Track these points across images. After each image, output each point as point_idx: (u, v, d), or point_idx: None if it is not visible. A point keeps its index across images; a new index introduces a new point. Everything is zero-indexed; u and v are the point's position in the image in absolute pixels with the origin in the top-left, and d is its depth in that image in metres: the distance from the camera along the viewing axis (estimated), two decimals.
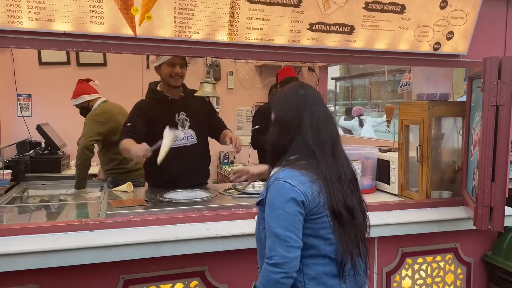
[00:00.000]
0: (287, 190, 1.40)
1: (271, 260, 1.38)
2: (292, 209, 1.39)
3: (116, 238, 1.87)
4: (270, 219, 1.41)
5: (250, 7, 2.00)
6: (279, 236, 1.38)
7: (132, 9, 1.85)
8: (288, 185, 1.40)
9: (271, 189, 1.44)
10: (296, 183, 1.41)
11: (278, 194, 1.41)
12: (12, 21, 1.74)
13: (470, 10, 2.32)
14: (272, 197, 1.42)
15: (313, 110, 1.50)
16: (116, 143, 3.25)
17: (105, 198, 2.63)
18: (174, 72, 2.67)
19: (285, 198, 1.39)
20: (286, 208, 1.39)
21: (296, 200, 1.39)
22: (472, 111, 2.43)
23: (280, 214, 1.39)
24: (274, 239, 1.39)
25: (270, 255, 1.39)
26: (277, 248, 1.37)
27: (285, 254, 1.37)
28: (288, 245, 1.38)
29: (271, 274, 1.38)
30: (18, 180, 3.35)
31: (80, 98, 3.38)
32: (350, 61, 2.31)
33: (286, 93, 1.60)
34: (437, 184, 2.71)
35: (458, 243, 2.52)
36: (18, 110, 4.33)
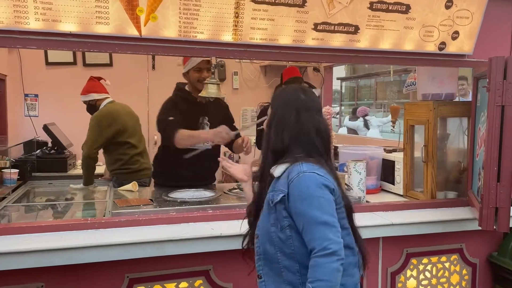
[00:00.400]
0: (319, 179, 1.41)
1: (327, 250, 1.33)
2: (330, 197, 1.42)
3: (121, 237, 1.89)
4: (311, 210, 1.38)
5: (255, 7, 2.00)
6: (329, 223, 1.37)
7: (138, 10, 1.86)
8: (317, 175, 1.42)
9: (300, 182, 1.41)
10: (323, 173, 1.44)
11: (312, 184, 1.40)
12: (19, 22, 1.76)
13: (475, 9, 2.31)
14: (306, 189, 1.40)
15: (313, 116, 1.53)
16: (121, 144, 3.29)
17: (110, 197, 2.65)
18: (201, 77, 2.71)
19: (321, 187, 1.40)
20: (325, 196, 1.40)
21: (330, 188, 1.43)
22: (477, 111, 2.42)
23: (322, 202, 1.39)
24: (324, 228, 1.36)
25: (324, 245, 1.34)
26: (330, 235, 1.35)
27: (338, 240, 1.37)
28: (337, 230, 1.39)
29: (331, 264, 1.33)
30: (25, 179, 3.38)
31: (89, 95, 3.41)
32: (355, 61, 2.31)
33: (288, 94, 1.59)
34: (442, 184, 2.70)
35: (463, 243, 2.51)
36: (25, 110, 4.37)
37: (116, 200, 2.36)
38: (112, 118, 3.28)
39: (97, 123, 3.26)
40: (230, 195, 2.59)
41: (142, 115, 3.91)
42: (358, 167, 2.53)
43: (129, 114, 3.42)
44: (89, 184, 3.26)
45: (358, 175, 2.54)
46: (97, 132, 3.23)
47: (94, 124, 3.27)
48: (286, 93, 1.61)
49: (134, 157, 3.34)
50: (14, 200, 2.86)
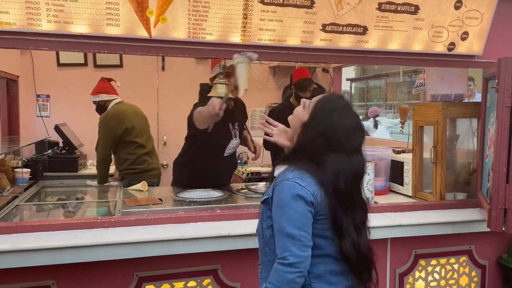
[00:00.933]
0: (297, 190, 1.40)
1: (285, 260, 1.37)
2: (303, 209, 1.40)
3: (131, 235, 1.91)
4: (281, 219, 1.41)
5: (263, 8, 2.02)
6: (293, 236, 1.38)
7: (147, 11, 1.89)
8: (298, 185, 1.41)
9: (280, 189, 1.43)
10: (305, 184, 1.41)
11: (288, 194, 1.41)
12: (32, 24, 1.79)
13: (485, 10, 2.30)
14: (282, 197, 1.42)
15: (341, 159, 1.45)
16: (129, 143, 3.34)
17: (120, 196, 2.68)
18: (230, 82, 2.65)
19: (295, 198, 1.40)
20: (297, 208, 1.39)
21: (306, 200, 1.40)
22: (487, 112, 2.41)
23: (292, 214, 1.39)
24: (287, 239, 1.38)
25: (284, 255, 1.38)
26: (292, 248, 1.37)
27: (300, 253, 1.37)
28: (302, 244, 1.38)
29: (286, 274, 1.37)
30: (37, 179, 3.43)
31: (99, 96, 3.46)
32: (363, 62, 2.32)
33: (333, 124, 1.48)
34: (451, 185, 2.69)
35: (472, 245, 2.49)
36: (37, 111, 4.42)
37: (125, 200, 2.39)
38: (118, 118, 3.32)
39: (105, 124, 3.32)
40: (239, 195, 2.61)
41: (151, 115, 3.96)
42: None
43: (137, 113, 3.46)
44: (104, 183, 3.36)
45: (366, 176, 2.52)
46: (106, 134, 3.29)
47: (102, 126, 3.33)
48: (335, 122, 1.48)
49: (142, 156, 3.38)
50: (26, 199, 2.91)
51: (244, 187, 2.76)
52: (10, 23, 1.77)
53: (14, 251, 1.75)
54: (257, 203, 2.36)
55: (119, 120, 3.31)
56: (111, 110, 3.40)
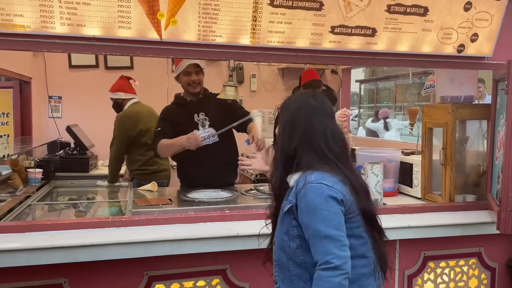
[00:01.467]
0: (325, 190, 1.38)
1: (330, 264, 1.33)
2: (337, 208, 1.38)
3: (141, 235, 1.94)
4: (316, 223, 1.37)
5: (272, 11, 2.03)
6: (333, 237, 1.35)
7: (158, 14, 1.91)
8: (324, 186, 1.39)
9: (307, 194, 1.40)
10: (331, 183, 1.40)
11: (317, 196, 1.38)
12: (45, 26, 1.83)
13: (495, 12, 2.30)
14: (311, 201, 1.39)
15: (324, 120, 1.51)
16: (141, 145, 3.38)
17: (130, 196, 2.71)
18: (191, 80, 2.82)
19: (327, 199, 1.37)
20: (331, 208, 1.37)
21: (337, 199, 1.39)
22: (497, 114, 2.40)
23: (326, 215, 1.36)
24: (327, 242, 1.35)
25: (327, 259, 1.33)
26: (333, 249, 1.34)
27: (342, 254, 1.34)
28: (342, 244, 1.36)
29: (333, 278, 1.32)
30: (49, 179, 3.48)
31: (116, 94, 3.52)
32: (372, 64, 2.32)
33: (298, 99, 1.59)
34: (461, 187, 2.68)
35: (482, 247, 2.48)
36: (49, 112, 4.49)
37: (136, 200, 2.42)
38: (135, 119, 3.37)
39: (121, 124, 3.37)
40: (247, 195, 2.63)
41: None
42: (375, 169, 2.54)
43: (152, 115, 3.51)
44: (115, 182, 3.41)
45: (375, 177, 2.54)
46: (122, 134, 3.35)
47: (118, 125, 3.39)
48: (296, 99, 1.60)
49: (153, 158, 3.42)
50: (38, 198, 2.95)
51: (252, 188, 2.78)
52: (24, 26, 1.81)
53: (27, 250, 1.78)
54: (265, 203, 2.39)
55: (135, 121, 3.36)
56: (128, 110, 3.45)
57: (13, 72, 3.54)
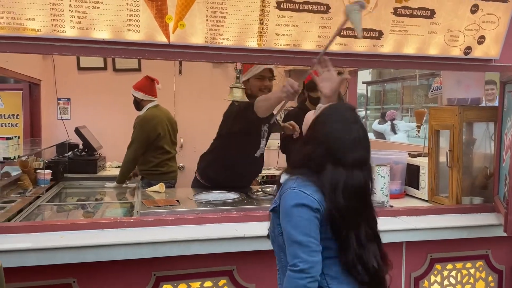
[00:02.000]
0: (301, 198, 1.43)
1: (296, 267, 1.40)
2: (309, 215, 1.43)
3: (149, 236, 1.96)
4: (288, 227, 1.44)
5: (279, 14, 2.05)
6: (301, 242, 1.41)
7: (167, 18, 1.94)
8: (302, 193, 1.44)
9: (286, 198, 1.46)
10: (310, 192, 1.44)
11: (293, 202, 1.43)
12: (56, 30, 1.86)
13: (502, 14, 2.30)
14: (288, 206, 1.44)
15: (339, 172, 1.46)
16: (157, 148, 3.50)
17: (138, 197, 2.74)
18: (263, 85, 2.74)
19: (301, 206, 1.42)
20: (303, 215, 1.42)
21: (312, 208, 1.43)
22: (504, 116, 2.39)
23: (298, 221, 1.42)
24: (296, 247, 1.41)
25: (294, 262, 1.41)
26: (301, 254, 1.40)
27: (309, 259, 1.40)
28: (311, 249, 1.41)
29: (297, 280, 1.40)
30: (57, 180, 3.52)
31: (137, 92, 3.62)
32: (379, 66, 2.33)
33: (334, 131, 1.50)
34: (468, 190, 2.67)
35: (489, 250, 2.47)
36: (58, 113, 4.54)
37: (144, 201, 2.45)
38: (155, 123, 3.49)
39: (141, 127, 3.47)
40: (254, 197, 2.64)
41: None
42: (381, 172, 2.54)
43: (170, 119, 3.66)
44: (123, 183, 3.48)
45: (381, 180, 2.54)
46: (141, 136, 3.44)
47: (138, 128, 3.49)
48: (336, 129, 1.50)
49: (165, 161, 3.53)
50: (48, 199, 2.99)
51: (259, 189, 2.79)
52: (35, 30, 1.84)
53: (36, 250, 1.81)
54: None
55: (155, 125, 3.47)
56: (149, 113, 3.55)
57: (22, 74, 3.59)
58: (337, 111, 1.57)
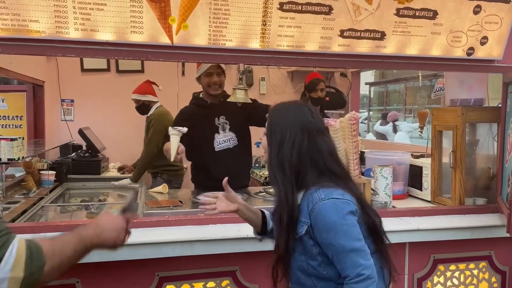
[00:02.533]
0: (339, 205, 1.41)
1: (361, 276, 1.36)
2: (353, 220, 1.42)
3: (152, 236, 1.97)
4: (338, 239, 1.39)
5: (282, 15, 2.06)
6: (357, 249, 1.38)
7: (170, 19, 1.95)
8: (338, 201, 1.41)
9: (320, 212, 1.41)
10: (340, 196, 1.43)
11: (333, 212, 1.40)
12: (60, 32, 1.87)
13: (505, 14, 2.29)
14: (328, 219, 1.40)
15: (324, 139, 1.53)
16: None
17: (142, 198, 2.75)
18: (212, 81, 2.81)
19: (343, 214, 1.40)
20: (348, 222, 1.40)
21: (352, 212, 1.42)
22: (507, 117, 2.39)
23: (347, 229, 1.39)
24: (354, 255, 1.38)
25: (357, 271, 1.36)
26: (361, 261, 1.37)
27: (369, 263, 1.38)
28: (366, 253, 1.40)
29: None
30: (61, 181, 3.53)
31: (146, 96, 3.77)
32: (381, 67, 2.33)
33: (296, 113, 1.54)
34: (471, 190, 2.67)
35: (492, 250, 2.47)
36: (62, 115, 4.56)
37: (147, 201, 2.46)
38: (170, 117, 3.61)
39: (159, 122, 3.60)
40: (257, 198, 2.65)
41: None
42: (384, 172, 2.54)
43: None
44: (137, 180, 3.58)
45: (384, 180, 2.54)
46: (160, 130, 3.48)
47: (156, 122, 3.62)
48: (293, 111, 1.55)
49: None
50: (51, 200, 3.01)
51: (262, 190, 2.80)
52: (39, 31, 1.85)
53: None
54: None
55: (170, 119, 3.52)
56: (162, 110, 3.76)
57: (26, 76, 3.61)
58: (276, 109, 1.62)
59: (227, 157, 2.80)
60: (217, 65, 2.80)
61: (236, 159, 2.84)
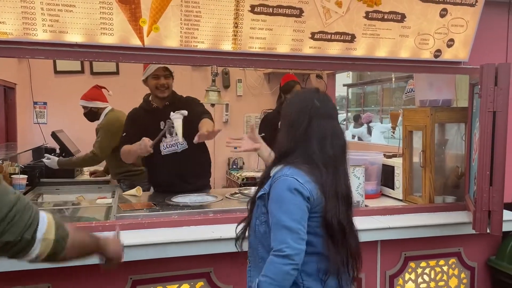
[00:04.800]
0: (295, 185, 1.46)
1: (282, 252, 1.41)
2: (302, 204, 1.46)
3: (125, 239, 1.94)
4: (279, 213, 1.45)
5: (253, 17, 2.08)
6: (292, 228, 1.42)
7: (140, 21, 1.95)
8: (296, 182, 1.46)
9: (279, 185, 1.48)
10: (303, 181, 1.47)
11: (286, 188, 1.46)
12: (28, 33, 1.85)
13: (470, 18, 2.37)
14: (280, 192, 1.47)
15: (322, 124, 1.55)
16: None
17: (115, 201, 2.72)
18: (159, 83, 2.77)
19: (294, 193, 1.45)
20: (296, 202, 1.45)
21: (304, 196, 1.46)
22: (473, 117, 2.47)
23: (290, 207, 1.45)
24: (285, 232, 1.42)
25: (280, 247, 1.42)
26: (289, 240, 1.41)
27: (296, 246, 1.42)
28: (299, 237, 1.43)
29: (281, 266, 1.41)
30: (33, 185, 3.46)
31: (93, 103, 3.57)
32: (351, 69, 2.38)
33: (302, 98, 1.62)
34: (440, 189, 2.75)
35: (461, 247, 2.54)
36: (34, 118, 4.47)
37: (120, 204, 2.43)
38: (118, 125, 3.39)
39: (109, 129, 3.44)
40: (232, 199, 2.65)
41: None
42: (356, 172, 2.59)
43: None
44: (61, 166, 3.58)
45: (356, 180, 2.59)
46: (110, 138, 3.39)
47: (106, 130, 3.46)
48: (300, 98, 1.63)
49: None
50: None
51: (237, 191, 2.81)
52: (6, 33, 1.83)
53: None
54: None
55: (119, 127, 3.38)
56: (111, 116, 3.54)
57: None
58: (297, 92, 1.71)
59: (174, 161, 2.77)
60: (164, 67, 2.75)
61: (185, 162, 2.80)
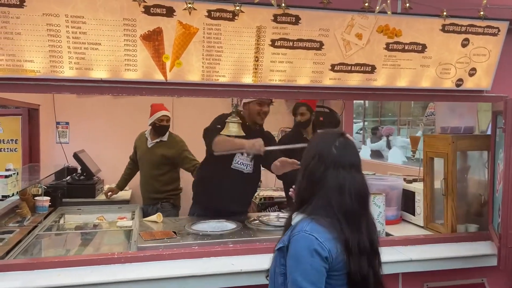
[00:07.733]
0: (314, 245, 1.41)
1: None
2: (319, 265, 1.41)
3: (146, 272, 1.97)
4: (295, 272, 1.41)
5: (274, 51, 2.09)
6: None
7: (164, 57, 1.98)
8: (315, 240, 1.41)
9: (297, 241, 1.44)
10: (322, 239, 1.42)
11: (304, 247, 1.42)
12: (55, 71, 1.90)
13: (492, 47, 2.34)
14: (298, 250, 1.43)
15: (340, 174, 1.47)
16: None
17: (136, 226, 2.76)
18: (262, 110, 2.84)
19: (312, 253, 1.41)
20: (313, 264, 1.40)
21: (322, 257, 1.41)
22: (497, 146, 2.42)
23: (307, 269, 1.40)
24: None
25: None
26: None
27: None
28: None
29: None
30: (56, 205, 3.53)
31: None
32: (372, 98, 2.37)
33: (320, 143, 1.56)
34: (463, 217, 2.70)
35: (485, 278, 2.49)
36: (57, 137, 4.56)
37: (141, 233, 2.46)
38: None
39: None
40: (251, 227, 2.66)
41: None
42: (377, 201, 2.56)
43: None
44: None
45: (377, 209, 2.56)
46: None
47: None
48: (319, 142, 1.58)
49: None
50: (46, 227, 3.00)
51: (255, 218, 2.81)
52: (34, 71, 1.88)
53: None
54: (268, 237, 2.42)
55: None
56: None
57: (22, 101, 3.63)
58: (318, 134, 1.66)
59: (238, 179, 2.83)
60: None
61: (244, 184, 2.88)
